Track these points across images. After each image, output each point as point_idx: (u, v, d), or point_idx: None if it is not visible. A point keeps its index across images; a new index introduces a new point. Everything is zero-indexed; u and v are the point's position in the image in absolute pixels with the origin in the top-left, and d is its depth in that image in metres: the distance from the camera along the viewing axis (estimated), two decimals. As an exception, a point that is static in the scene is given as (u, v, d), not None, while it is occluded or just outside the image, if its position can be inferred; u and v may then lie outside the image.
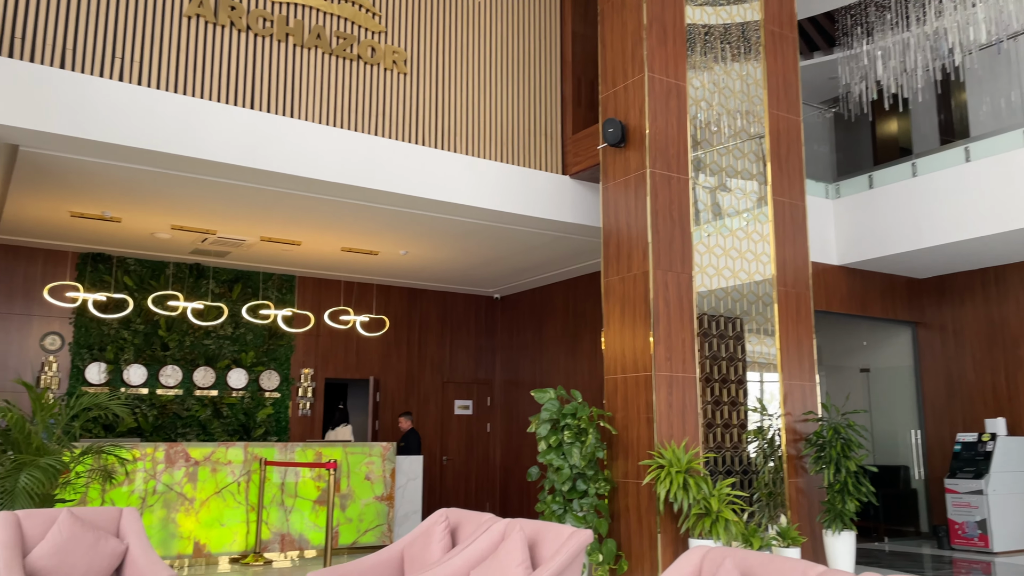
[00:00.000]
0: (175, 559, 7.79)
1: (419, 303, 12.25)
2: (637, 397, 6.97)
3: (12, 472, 5.55)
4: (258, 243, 9.40)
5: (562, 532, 3.59)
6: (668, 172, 7.27)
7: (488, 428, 12.61)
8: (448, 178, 7.83)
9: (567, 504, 6.89)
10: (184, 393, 10.14)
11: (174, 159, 6.61)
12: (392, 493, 9.08)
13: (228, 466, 8.22)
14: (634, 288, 7.16)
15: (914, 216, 8.77)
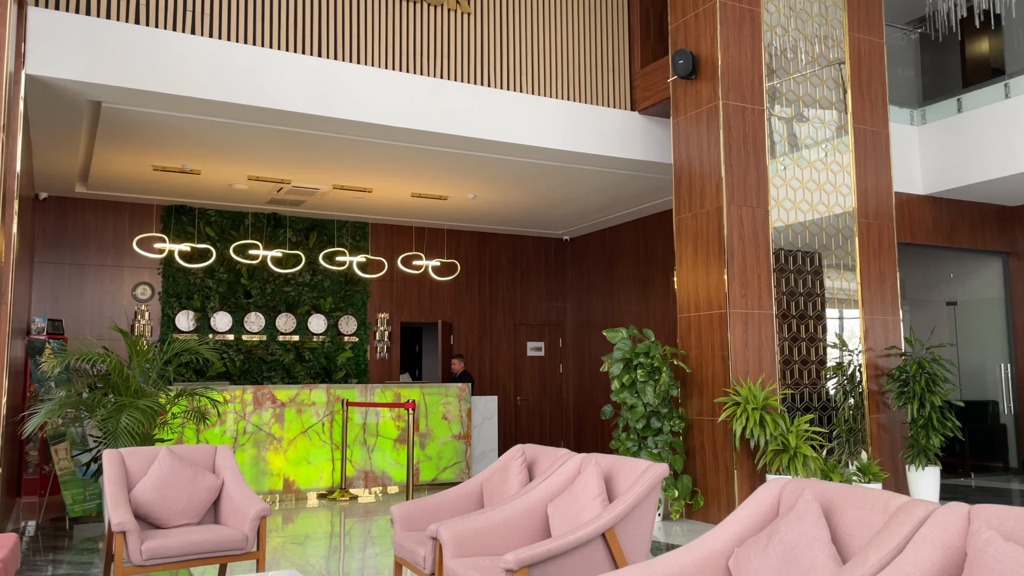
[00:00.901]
0: (267, 494, 8.21)
1: (489, 247, 12.31)
2: (712, 335, 6.90)
3: (114, 413, 5.90)
4: (331, 191, 9.56)
5: (638, 466, 3.62)
6: (742, 103, 7.03)
7: (560, 369, 12.71)
8: (514, 119, 7.76)
9: (641, 441, 6.94)
10: (268, 339, 10.53)
11: (246, 109, 6.74)
12: (469, 432, 9.30)
13: (312, 407, 8.55)
14: (707, 225, 7.03)
15: (1007, 140, 8.29)
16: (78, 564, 5.49)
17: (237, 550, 4.25)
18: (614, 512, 3.37)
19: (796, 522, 2.54)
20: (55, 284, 9.66)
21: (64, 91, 6.25)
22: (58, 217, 9.76)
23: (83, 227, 9.87)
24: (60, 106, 6.56)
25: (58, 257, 9.71)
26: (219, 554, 4.22)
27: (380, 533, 6.58)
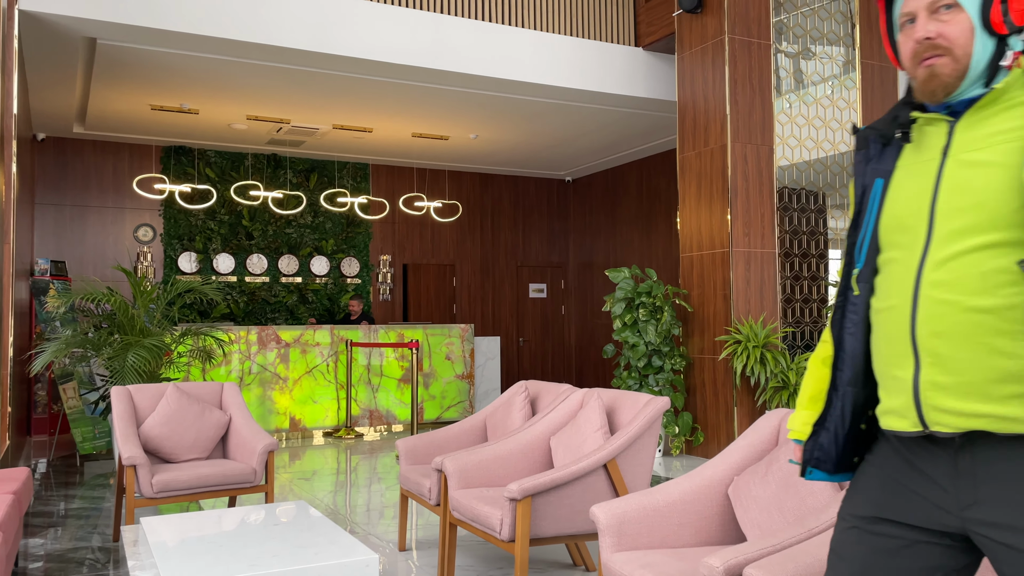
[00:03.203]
0: (273, 432, 8.34)
1: (491, 188, 12.24)
2: (714, 274, 6.91)
3: (120, 352, 5.96)
4: (331, 131, 9.47)
5: (639, 399, 3.67)
6: (748, 38, 6.90)
7: (563, 311, 12.77)
8: (516, 55, 7.63)
9: (643, 379, 7.01)
10: (271, 280, 10.56)
11: (244, 46, 6.62)
12: (472, 372, 9.40)
13: (317, 347, 8.62)
14: (711, 163, 6.97)
15: (1017, 76, 8.15)
16: (90, 499, 5.62)
17: (246, 483, 4.34)
18: (616, 444, 3.42)
19: (795, 450, 2.58)
20: (57, 226, 9.65)
21: (58, 27, 6.14)
22: (57, 158, 9.69)
23: (83, 168, 9.81)
24: (55, 43, 6.45)
25: (59, 199, 9.68)
26: (228, 487, 4.30)
27: (385, 470, 6.70)
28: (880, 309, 1.39)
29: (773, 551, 2.09)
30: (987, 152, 1.29)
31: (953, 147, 1.33)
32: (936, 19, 1.34)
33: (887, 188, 1.42)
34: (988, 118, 1.31)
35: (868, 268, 1.43)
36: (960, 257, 1.27)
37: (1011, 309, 1.22)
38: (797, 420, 1.59)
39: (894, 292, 1.35)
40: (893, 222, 1.39)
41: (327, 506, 5.37)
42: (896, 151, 1.44)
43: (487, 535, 3.36)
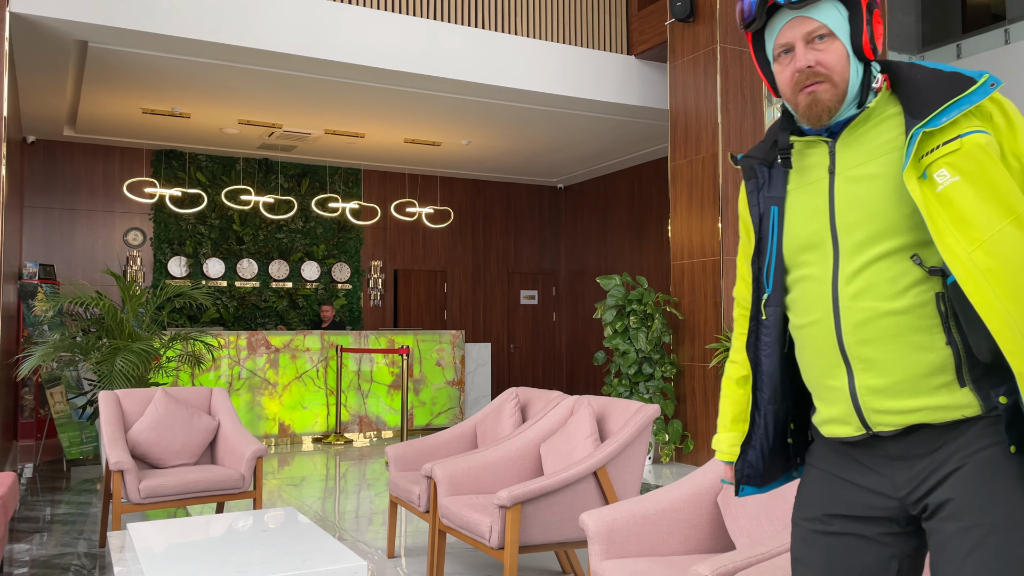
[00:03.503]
0: (262, 438, 8.30)
1: (483, 194, 12.25)
2: (704, 282, 6.93)
3: (108, 356, 5.93)
4: (323, 136, 9.46)
5: (630, 407, 3.67)
6: (740, 47, 6.94)
7: (554, 317, 12.77)
8: (509, 62, 7.65)
9: (633, 387, 7.01)
10: (261, 285, 10.52)
11: (236, 51, 6.61)
12: (463, 378, 9.38)
13: (307, 353, 8.59)
14: (702, 171, 7.00)
15: (1005, 87, 8.21)
16: (77, 504, 5.57)
17: (234, 489, 4.31)
18: (606, 451, 3.42)
19: (784, 459, 2.59)
20: (46, 229, 9.60)
21: (50, 30, 6.12)
22: (47, 161, 9.64)
23: (72, 171, 9.77)
24: (46, 46, 6.43)
25: (48, 202, 9.62)
26: (216, 492, 4.28)
27: (375, 476, 6.68)
28: (802, 325, 1.45)
29: (762, 559, 2.09)
30: (870, 166, 1.38)
31: (839, 166, 1.42)
32: (813, 48, 1.40)
33: (783, 213, 1.49)
34: (864, 134, 1.41)
35: (777, 292, 1.49)
36: (869, 266, 1.35)
37: (923, 306, 1.31)
38: (723, 442, 1.67)
39: (813, 307, 1.42)
40: (797, 243, 1.46)
41: (316, 512, 5.34)
42: (783, 176, 1.51)
43: (476, 542, 3.35)
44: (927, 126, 1.31)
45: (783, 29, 1.43)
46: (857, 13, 1.41)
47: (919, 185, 1.29)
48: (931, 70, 1.39)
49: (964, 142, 1.29)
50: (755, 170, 1.55)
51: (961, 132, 1.30)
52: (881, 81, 1.43)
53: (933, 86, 1.35)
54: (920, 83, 1.38)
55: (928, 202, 1.28)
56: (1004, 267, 1.25)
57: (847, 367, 1.37)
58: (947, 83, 1.35)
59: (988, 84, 1.32)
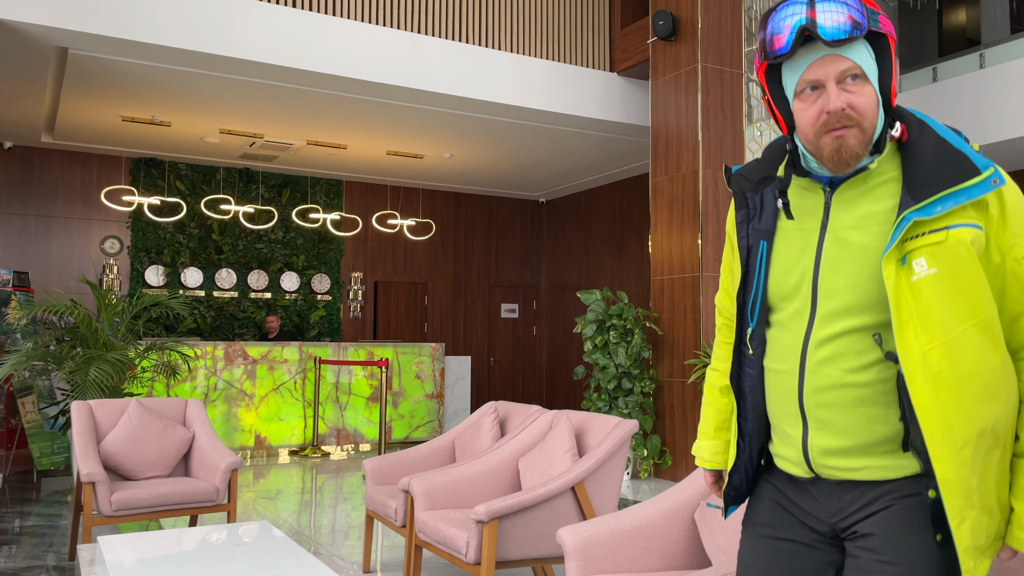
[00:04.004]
0: (238, 450, 8.21)
1: (465, 207, 12.26)
2: (684, 298, 6.96)
3: (82, 366, 5.85)
4: (305, 147, 9.43)
5: (608, 422, 3.67)
6: (720, 66, 7.02)
7: (534, 331, 12.78)
8: (492, 77, 7.68)
9: (612, 402, 7.02)
10: (239, 295, 10.44)
11: (219, 60, 6.59)
12: (442, 391, 9.35)
13: (284, 364, 8.52)
14: (683, 188, 7.05)
15: (979, 110, 8.37)
16: (47, 516, 5.47)
17: (208, 502, 4.26)
18: (584, 466, 3.42)
19: (761, 475, 2.60)
20: (21, 236, 9.48)
21: (29, 36, 6.06)
22: (24, 168, 9.53)
23: (50, 178, 9.66)
24: (25, 52, 6.37)
25: (24, 208, 9.51)
26: (189, 505, 4.22)
27: (352, 490, 6.62)
28: (772, 369, 1.47)
29: (738, 576, 2.09)
30: (860, 233, 1.36)
31: (832, 222, 1.40)
32: (844, 89, 1.33)
33: (771, 251, 1.48)
34: (862, 195, 1.37)
35: (760, 327, 1.48)
36: (839, 338, 1.36)
37: (883, 383, 1.34)
38: (706, 450, 1.69)
39: (783, 358, 1.43)
40: (780, 290, 1.45)
41: (291, 526, 5.28)
42: (775, 207, 1.48)
43: (453, 558, 3.33)
44: (920, 213, 1.28)
45: (813, 65, 1.34)
46: (887, 56, 1.35)
47: (896, 271, 1.29)
48: (938, 140, 1.34)
49: (950, 235, 1.27)
50: (746, 198, 1.52)
51: (950, 224, 1.28)
52: (899, 131, 1.37)
53: (937, 163, 1.31)
54: (925, 154, 1.33)
55: (900, 290, 1.28)
56: (955, 372, 1.26)
57: (803, 422, 1.41)
58: (951, 164, 1.30)
59: (991, 180, 1.29)
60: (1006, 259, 1.31)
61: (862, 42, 1.34)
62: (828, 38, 1.29)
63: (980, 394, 1.28)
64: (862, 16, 1.30)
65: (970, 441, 1.27)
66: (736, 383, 1.54)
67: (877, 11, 1.33)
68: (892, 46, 1.34)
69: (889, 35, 1.34)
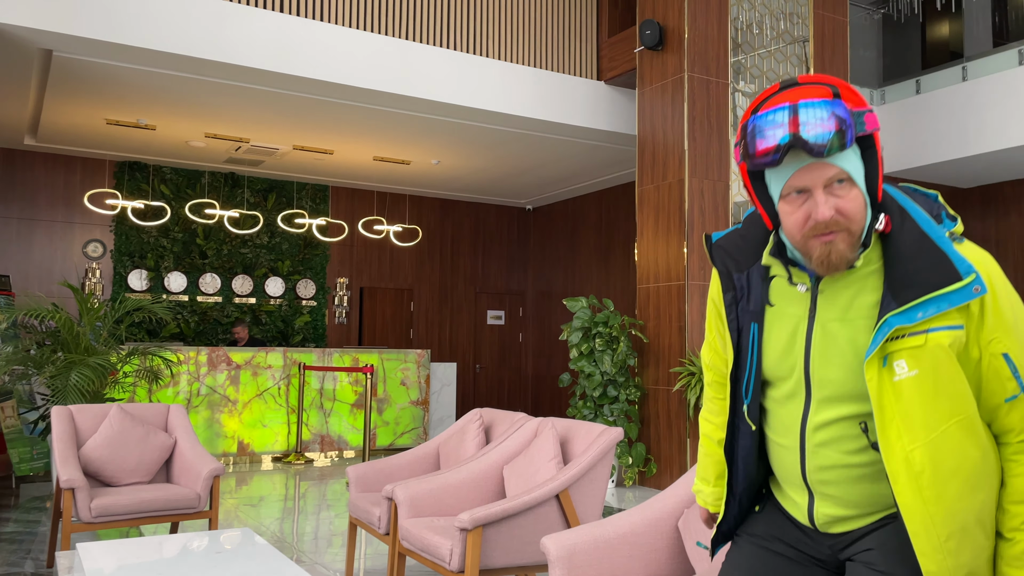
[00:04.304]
0: (220, 456, 8.14)
1: (452, 214, 12.25)
2: (669, 306, 6.98)
3: (63, 370, 5.78)
4: (291, 152, 9.40)
5: (593, 429, 3.67)
6: (707, 76, 7.06)
7: (520, 338, 12.77)
8: (480, 84, 7.69)
9: (598, 409, 7.02)
10: (223, 300, 10.38)
11: (205, 64, 6.56)
12: (427, 398, 9.32)
13: (268, 370, 8.47)
14: (669, 197, 7.08)
15: (961, 123, 8.47)
16: (25, 522, 5.41)
17: (189, 508, 4.22)
18: (568, 474, 3.41)
19: (745, 484, 2.61)
20: (2, 239, 9.38)
21: (13, 38, 6.02)
22: (6, 170, 9.45)
23: (32, 181, 9.58)
24: (9, 53, 6.32)
25: (5, 211, 9.42)
26: (171, 512, 4.18)
27: (335, 497, 6.58)
28: (775, 442, 1.51)
29: (721, 585, 2.09)
30: (846, 326, 1.37)
31: (819, 312, 1.40)
32: (832, 194, 1.30)
33: (762, 332, 1.47)
34: (847, 287, 1.37)
35: (755, 402, 1.50)
36: (833, 424, 1.40)
37: (878, 463, 1.38)
38: (709, 496, 1.73)
39: (785, 433, 1.47)
40: (774, 372, 1.47)
41: (273, 534, 5.24)
42: (762, 287, 1.47)
43: (436, 565, 3.31)
44: (901, 319, 1.28)
45: (799, 172, 1.31)
46: (873, 155, 1.32)
47: (878, 372, 1.30)
48: (920, 234, 1.32)
49: (929, 339, 1.28)
50: (732, 279, 1.50)
51: (931, 327, 1.28)
52: (884, 223, 1.35)
53: (918, 262, 1.30)
54: (907, 249, 1.32)
55: (883, 391, 1.30)
56: (938, 470, 1.28)
57: (808, 492, 1.47)
58: (933, 267, 1.29)
59: (972, 288, 1.27)
60: (984, 354, 1.31)
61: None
62: (814, 153, 1.26)
63: (963, 490, 1.30)
64: (847, 117, 1.26)
65: (954, 534, 1.30)
66: (729, 450, 1.55)
67: (863, 109, 1.29)
68: (877, 141, 1.32)
69: (874, 132, 1.31)
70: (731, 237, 1.53)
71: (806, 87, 1.30)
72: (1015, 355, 1.31)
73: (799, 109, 1.27)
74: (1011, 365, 1.31)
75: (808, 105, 1.27)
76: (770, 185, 1.38)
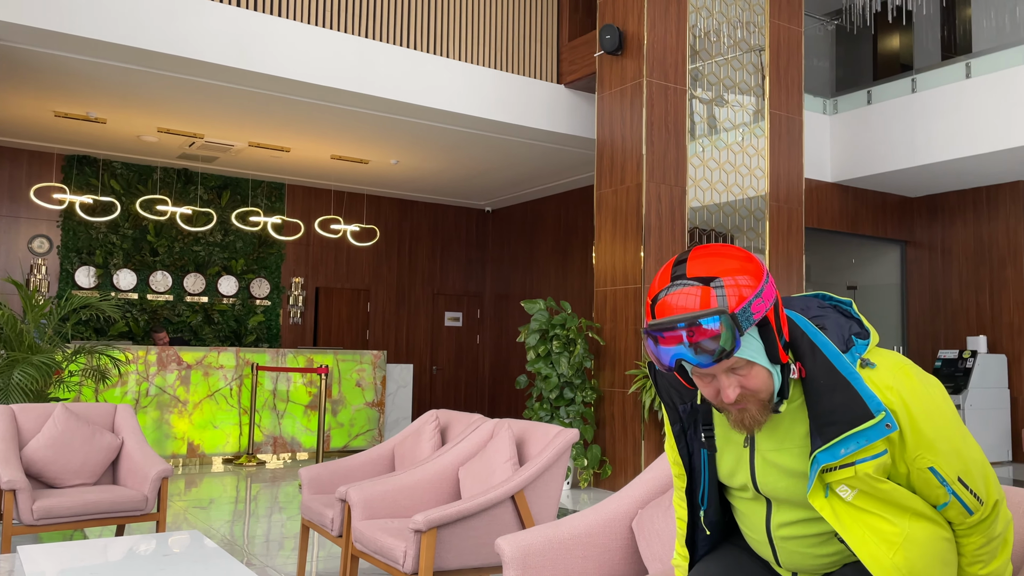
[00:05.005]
0: (169, 458, 7.97)
1: (410, 215, 12.19)
2: (626, 309, 7.04)
3: (5, 369, 5.60)
4: (246, 148, 9.26)
5: (549, 431, 3.67)
6: (665, 82, 7.13)
7: (478, 340, 12.75)
8: (440, 84, 7.66)
9: (554, 411, 7.04)
10: (175, 299, 10.17)
11: (157, 57, 6.42)
12: (383, 400, 9.24)
13: (220, 370, 8.32)
14: (627, 200, 7.13)
15: (910, 133, 8.70)
16: (-38, 526, 5.21)
17: (136, 511, 4.12)
18: (524, 475, 3.41)
19: (698, 484, 2.63)
20: (-58, 233, 9.06)
21: (-45, 24, 5.82)
22: (-53, 161, 9.13)
23: (-25, 173, 9.27)
24: (-49, 40, 6.11)
25: (-54, 204, 9.10)
26: (116, 514, 4.07)
27: (288, 499, 6.49)
28: (747, 535, 1.64)
29: (674, 585, 2.10)
30: (784, 455, 1.48)
31: (758, 444, 1.52)
32: (735, 374, 1.38)
33: (712, 457, 1.61)
34: (781, 420, 1.48)
35: (713, 507, 1.64)
36: (793, 525, 1.53)
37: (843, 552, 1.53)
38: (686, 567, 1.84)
39: (751, 528, 1.61)
40: (730, 483, 1.59)
41: (223, 537, 5.14)
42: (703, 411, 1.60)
43: (390, 568, 3.28)
44: (827, 457, 1.39)
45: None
46: (768, 328, 1.37)
47: (828, 501, 1.42)
48: (830, 369, 1.40)
49: (857, 470, 1.39)
50: (679, 411, 1.61)
51: (855, 460, 1.38)
52: (797, 372, 1.43)
53: (833, 399, 1.38)
54: (821, 388, 1.40)
55: (840, 514, 1.42)
56: (919, 562, 1.41)
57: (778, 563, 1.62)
58: (845, 404, 1.37)
59: (883, 425, 1.36)
60: (912, 469, 1.42)
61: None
62: (704, 367, 1.34)
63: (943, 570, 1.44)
64: (734, 327, 1.30)
65: None
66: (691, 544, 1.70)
67: (749, 300, 1.33)
68: (771, 317, 1.36)
69: (767, 314, 1.36)
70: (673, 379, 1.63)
71: (689, 289, 1.34)
72: (940, 467, 1.40)
73: (691, 330, 1.31)
74: (938, 477, 1.41)
75: (699, 323, 1.30)
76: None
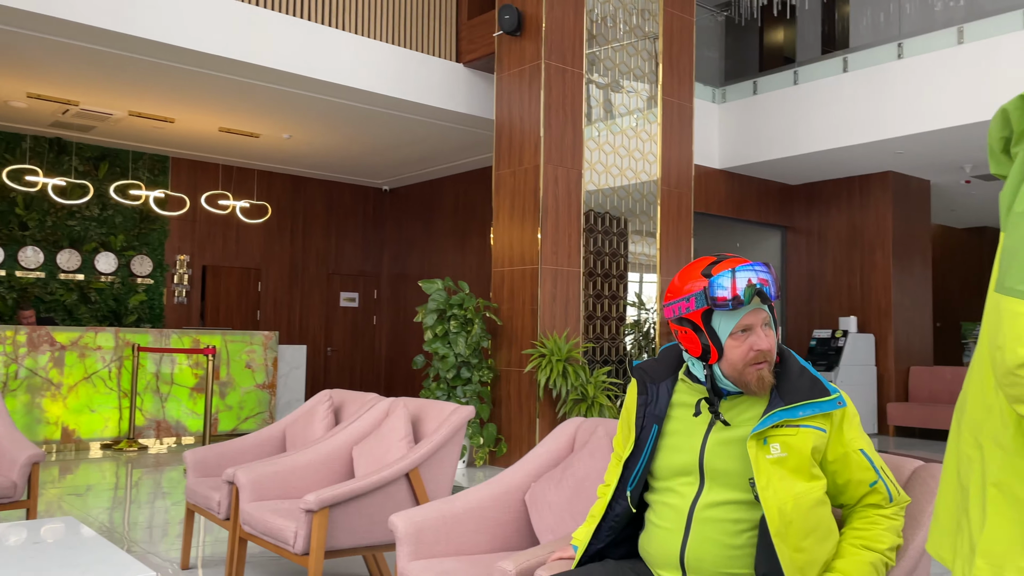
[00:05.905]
0: (42, 444, 7.51)
1: (304, 191, 11.86)
2: (523, 289, 7.10)
3: None
4: (126, 118, 8.76)
5: (445, 408, 3.67)
6: (563, 65, 7.20)
7: (375, 321, 12.59)
8: (336, 57, 7.47)
9: (451, 391, 7.05)
10: (47, 276, 9.55)
11: (25, 15, 5.98)
12: (274, 381, 9.01)
13: (98, 352, 7.89)
14: (524, 182, 7.18)
15: (792, 124, 9.13)
16: None
17: (4, 498, 3.86)
18: (419, 453, 3.40)
19: (588, 457, 2.69)
20: None
21: None
22: None
23: None
24: None
25: None
26: (-19, 504, 3.81)
27: (172, 484, 6.25)
28: (657, 525, 1.85)
29: (564, 553, 2.15)
30: (739, 429, 1.79)
31: (716, 425, 1.82)
32: (766, 333, 1.78)
33: (661, 434, 1.87)
34: (739, 404, 1.82)
35: (638, 488, 1.89)
36: (719, 507, 1.77)
37: (751, 546, 1.75)
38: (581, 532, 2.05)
39: (671, 518, 1.82)
40: (669, 470, 1.84)
41: (102, 524, 4.90)
42: (668, 397, 1.90)
43: (280, 549, 3.21)
44: (786, 415, 1.73)
45: (749, 314, 1.77)
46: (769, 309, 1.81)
47: (756, 449, 1.72)
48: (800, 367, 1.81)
49: (800, 432, 1.74)
50: (647, 387, 1.92)
51: (803, 424, 1.74)
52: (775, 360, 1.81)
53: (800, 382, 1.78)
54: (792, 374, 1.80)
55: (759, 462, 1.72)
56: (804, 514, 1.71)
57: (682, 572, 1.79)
58: (810, 385, 1.78)
59: (837, 401, 1.77)
60: (848, 450, 1.77)
61: None
62: (772, 299, 1.77)
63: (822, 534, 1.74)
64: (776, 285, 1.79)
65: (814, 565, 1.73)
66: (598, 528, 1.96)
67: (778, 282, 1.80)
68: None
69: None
70: (649, 362, 1.98)
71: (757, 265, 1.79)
72: (868, 451, 1.80)
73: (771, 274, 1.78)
74: (868, 458, 1.78)
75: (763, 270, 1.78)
76: (718, 327, 1.79)
